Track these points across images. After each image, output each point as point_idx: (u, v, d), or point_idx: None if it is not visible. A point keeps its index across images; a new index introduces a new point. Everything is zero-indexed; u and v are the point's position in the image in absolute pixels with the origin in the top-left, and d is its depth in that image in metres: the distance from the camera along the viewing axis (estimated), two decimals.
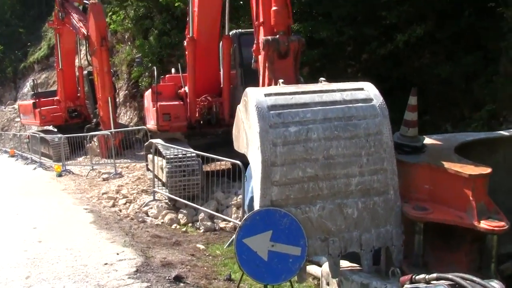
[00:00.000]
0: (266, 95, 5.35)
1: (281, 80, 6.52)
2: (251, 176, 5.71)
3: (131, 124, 26.73)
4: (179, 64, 14.55)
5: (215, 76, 13.54)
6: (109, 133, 18.96)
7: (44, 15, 50.91)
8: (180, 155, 11.64)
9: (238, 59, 13.08)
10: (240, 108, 5.83)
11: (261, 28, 8.04)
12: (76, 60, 27.37)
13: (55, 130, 27.81)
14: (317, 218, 5.11)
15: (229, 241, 9.05)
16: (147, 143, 15.38)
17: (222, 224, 10.72)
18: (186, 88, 13.74)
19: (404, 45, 13.46)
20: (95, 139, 22.77)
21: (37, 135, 23.93)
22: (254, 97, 5.29)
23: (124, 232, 9.92)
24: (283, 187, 5.05)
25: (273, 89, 5.98)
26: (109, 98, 22.06)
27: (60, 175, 18.82)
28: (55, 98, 26.87)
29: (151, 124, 14.30)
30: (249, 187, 7.86)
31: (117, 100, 27.09)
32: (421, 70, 14.12)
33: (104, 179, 16.62)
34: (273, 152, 5.04)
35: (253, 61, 8.45)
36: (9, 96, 51.48)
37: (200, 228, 10.64)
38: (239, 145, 6.01)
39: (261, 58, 7.83)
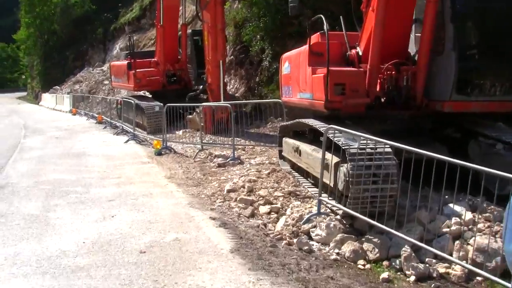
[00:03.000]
0: None
1: None
2: None
3: (236, 94, 22.65)
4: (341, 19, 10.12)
5: (406, 35, 9.15)
6: (227, 104, 14.77)
7: None
8: (368, 149, 7.31)
9: (449, 9, 8.57)
10: None
11: None
12: (180, 17, 23.42)
13: (150, 96, 24.27)
14: None
15: None
16: (288, 123, 11.18)
17: (441, 268, 6.40)
18: (358, 49, 9.41)
19: None
20: (198, 110, 18.88)
21: (132, 101, 20.20)
22: None
23: (294, 278, 5.76)
24: None
25: None
26: (220, 62, 18.03)
27: (159, 153, 15.01)
28: (153, 59, 23.13)
29: (302, 97, 10.05)
30: None
31: None
32: None
33: (219, 165, 12.58)
34: None
35: None
36: (97, 58, 49.42)
37: (408, 273, 6.33)
38: None
39: None
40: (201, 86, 21.85)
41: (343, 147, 7.42)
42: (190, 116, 19.55)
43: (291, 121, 10.96)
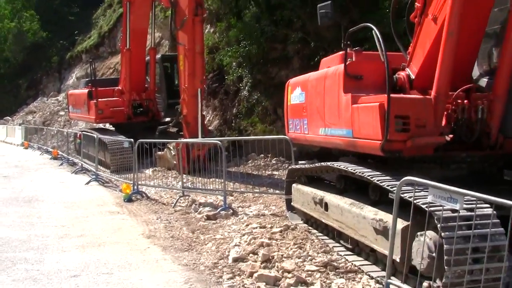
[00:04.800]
0: None
1: None
2: None
3: (210, 128, 20.13)
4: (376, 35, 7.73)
5: (476, 52, 6.92)
6: (216, 141, 12.21)
7: (94, 1, 45.79)
8: (463, 211, 4.94)
9: None
10: None
11: None
12: (148, 39, 20.91)
13: (112, 129, 21.55)
14: None
15: None
16: (303, 166, 8.76)
17: None
18: (409, 70, 7.12)
19: None
20: (171, 146, 16.36)
21: (95, 135, 17.39)
22: None
23: None
24: None
25: None
26: (198, 90, 15.57)
27: (130, 200, 12.37)
28: (117, 88, 20.45)
29: (331, 134, 7.64)
30: None
31: None
32: None
33: (208, 217, 10.03)
34: None
35: None
36: (52, 87, 46.73)
37: None
38: None
39: None
40: (170, 118, 19.39)
41: (429, 210, 5.01)
42: (160, 153, 17.01)
43: (308, 164, 8.57)
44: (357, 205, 6.84)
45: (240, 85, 19.62)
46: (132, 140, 13.99)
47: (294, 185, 9.18)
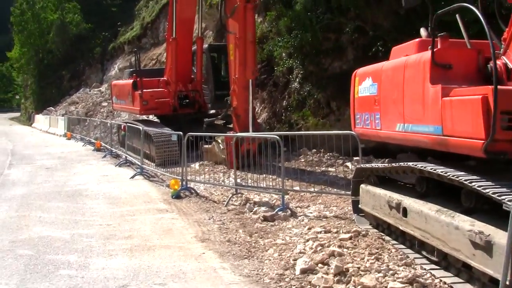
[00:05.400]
0: None
1: None
2: None
3: (258, 121, 19.27)
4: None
5: None
6: (275, 136, 11.25)
7: None
8: None
9: None
10: None
11: None
12: (195, 28, 20.17)
13: (157, 120, 20.96)
14: None
15: None
16: (378, 165, 7.83)
17: None
18: (506, 59, 6.16)
19: None
20: (220, 139, 15.61)
21: (140, 127, 16.75)
22: None
23: None
24: None
25: None
26: (250, 81, 14.76)
27: (178, 196, 11.66)
28: (162, 78, 19.77)
29: (411, 131, 6.73)
30: None
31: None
32: None
33: (265, 218, 9.23)
34: None
35: None
36: (95, 78, 46.78)
37: None
38: None
39: None
40: (217, 111, 18.66)
41: None
42: (208, 146, 16.25)
43: (385, 164, 7.63)
44: (445, 212, 5.93)
45: (290, 76, 18.72)
46: (180, 133, 13.24)
47: (362, 185, 8.29)
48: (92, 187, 13.44)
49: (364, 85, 8.39)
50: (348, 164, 13.81)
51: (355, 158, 12.98)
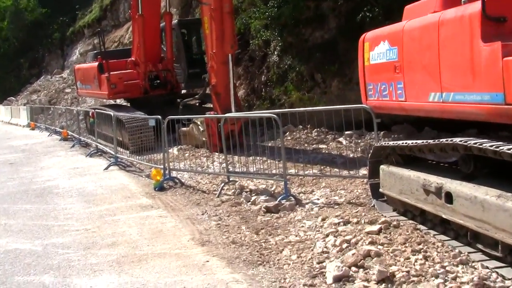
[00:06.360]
0: None
1: None
2: None
3: None
4: None
5: None
6: (272, 115, 9.78)
7: None
8: None
9: None
10: None
11: None
12: (162, 4, 18.66)
13: (127, 104, 19.51)
14: None
15: None
16: (404, 142, 6.62)
17: None
18: None
19: None
20: (199, 121, 14.32)
21: (111, 113, 15.24)
22: None
23: None
24: None
25: None
26: (229, 56, 13.42)
27: (161, 188, 10.37)
28: (129, 59, 18.26)
29: (453, 100, 5.56)
30: None
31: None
32: None
33: (268, 209, 8.02)
34: None
35: None
36: (55, 65, 44.85)
37: None
38: None
39: None
40: (193, 90, 17.32)
41: None
42: (186, 129, 14.92)
43: (417, 141, 6.40)
44: (510, 198, 4.80)
45: (268, 49, 17.47)
46: (159, 116, 11.89)
47: (383, 166, 7.12)
48: (63, 182, 12.04)
49: (377, 50, 7.21)
50: (341, 139, 12.67)
51: (346, 132, 11.86)
